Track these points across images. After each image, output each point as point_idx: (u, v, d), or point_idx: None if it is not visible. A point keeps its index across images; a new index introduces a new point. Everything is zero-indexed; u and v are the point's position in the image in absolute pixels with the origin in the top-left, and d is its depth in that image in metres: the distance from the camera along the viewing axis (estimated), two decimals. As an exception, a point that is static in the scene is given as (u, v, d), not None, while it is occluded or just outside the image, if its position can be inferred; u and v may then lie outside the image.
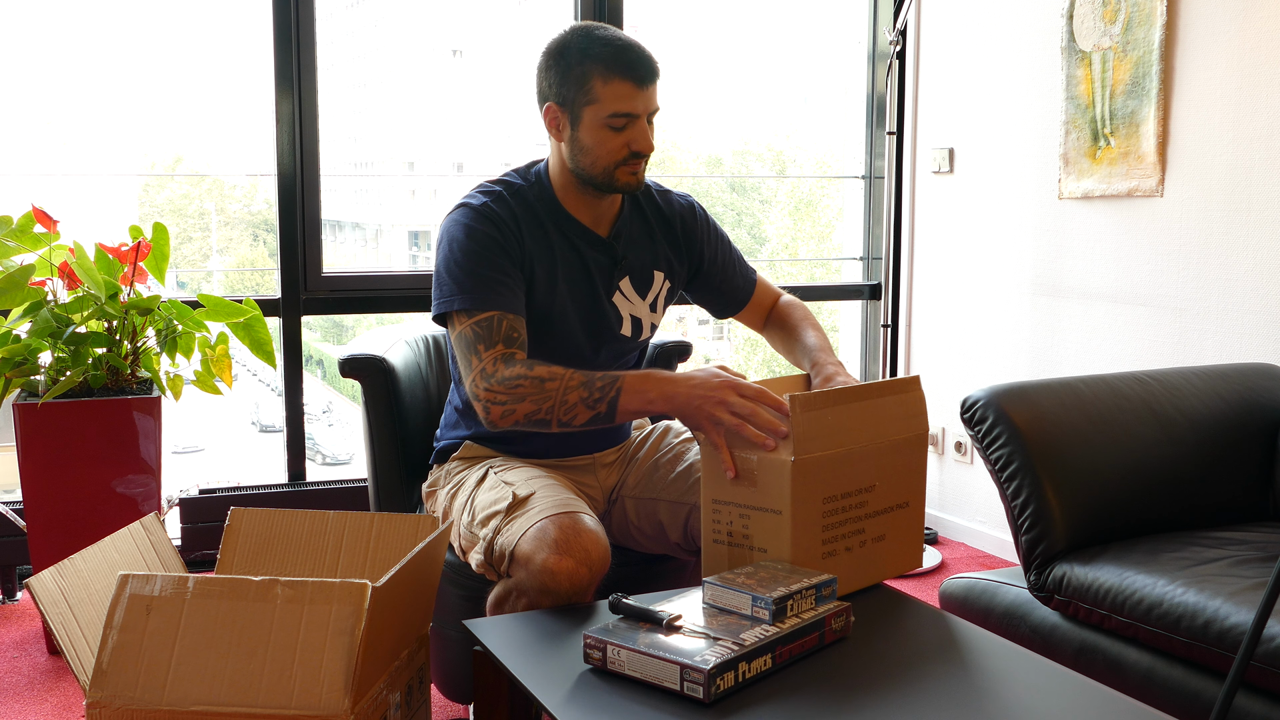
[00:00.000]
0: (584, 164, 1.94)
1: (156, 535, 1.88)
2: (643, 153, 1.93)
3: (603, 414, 1.79)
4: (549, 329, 1.97)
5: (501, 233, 1.92)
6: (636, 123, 1.91)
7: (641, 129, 1.92)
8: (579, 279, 2.00)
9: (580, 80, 1.89)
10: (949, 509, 3.77)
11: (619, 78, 1.88)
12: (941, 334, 3.76)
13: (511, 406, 1.80)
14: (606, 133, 1.90)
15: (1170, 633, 1.87)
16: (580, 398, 1.78)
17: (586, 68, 1.88)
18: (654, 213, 2.11)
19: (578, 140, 1.93)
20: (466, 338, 1.87)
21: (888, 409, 1.79)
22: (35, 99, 4.46)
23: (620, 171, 1.93)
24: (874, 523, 1.77)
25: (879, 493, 1.77)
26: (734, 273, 2.20)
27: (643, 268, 2.07)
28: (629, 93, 1.89)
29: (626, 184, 1.95)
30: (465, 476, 2.03)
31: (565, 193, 2.00)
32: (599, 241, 2.02)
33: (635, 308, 2.06)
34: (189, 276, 6.15)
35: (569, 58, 1.90)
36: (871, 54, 3.91)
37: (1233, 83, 2.78)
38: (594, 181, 1.95)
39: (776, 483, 1.64)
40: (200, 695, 1.45)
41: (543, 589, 1.71)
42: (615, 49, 1.89)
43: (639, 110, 1.90)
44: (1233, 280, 2.81)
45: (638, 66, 1.88)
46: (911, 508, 1.83)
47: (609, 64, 1.88)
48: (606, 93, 1.88)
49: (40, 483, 2.63)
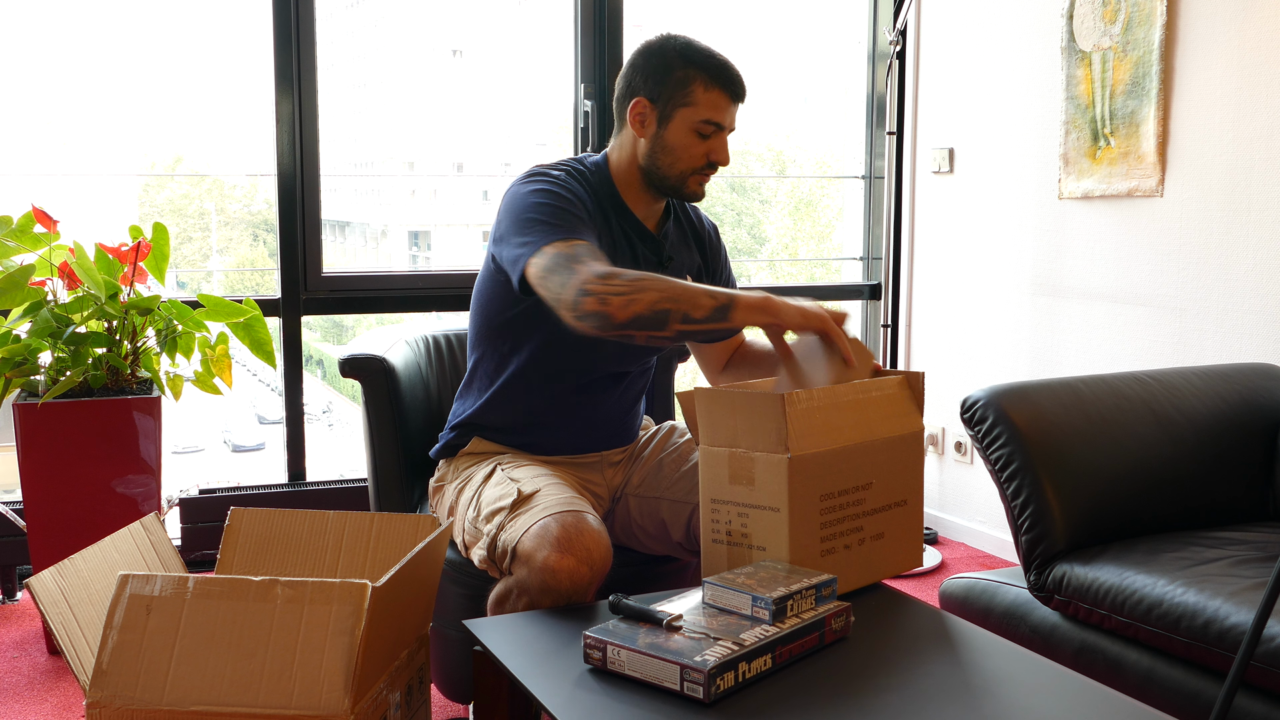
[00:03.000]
0: (662, 164, 1.98)
1: (156, 535, 1.88)
2: (719, 164, 1.98)
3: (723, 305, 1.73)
4: None
5: (578, 195, 1.94)
6: (721, 135, 1.97)
7: (724, 142, 1.98)
8: (627, 265, 2.02)
9: (682, 82, 1.94)
10: (949, 509, 3.77)
11: (720, 88, 1.95)
12: (941, 334, 3.76)
13: (634, 296, 1.71)
14: (693, 138, 1.96)
15: (1170, 633, 1.87)
16: (702, 290, 1.74)
17: (690, 72, 1.94)
18: (688, 224, 2.17)
19: (662, 139, 1.97)
20: (564, 254, 1.79)
21: (883, 405, 1.79)
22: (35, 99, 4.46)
23: (693, 179, 1.99)
24: (872, 520, 1.77)
25: (876, 490, 1.77)
26: None
27: (680, 271, 2.11)
28: (725, 104, 1.96)
29: (693, 192, 2.01)
30: (473, 472, 2.03)
31: (626, 186, 2.04)
32: (650, 237, 2.06)
33: None
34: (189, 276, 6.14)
35: (669, 58, 1.95)
36: (871, 54, 3.91)
37: (1233, 83, 2.78)
38: (664, 183, 1.99)
39: (774, 480, 1.64)
40: (200, 695, 1.45)
41: (544, 587, 1.72)
42: (719, 61, 1.96)
43: (727, 123, 1.97)
44: (1233, 280, 2.81)
45: (736, 82, 1.97)
46: (910, 505, 1.83)
47: (713, 73, 1.94)
48: (705, 99, 1.94)
49: (40, 483, 2.63)
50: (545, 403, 2.05)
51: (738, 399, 1.69)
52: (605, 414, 2.10)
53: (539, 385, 2.04)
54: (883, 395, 1.80)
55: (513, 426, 2.07)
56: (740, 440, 1.69)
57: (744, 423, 1.68)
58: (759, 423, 1.66)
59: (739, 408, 1.69)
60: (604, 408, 2.08)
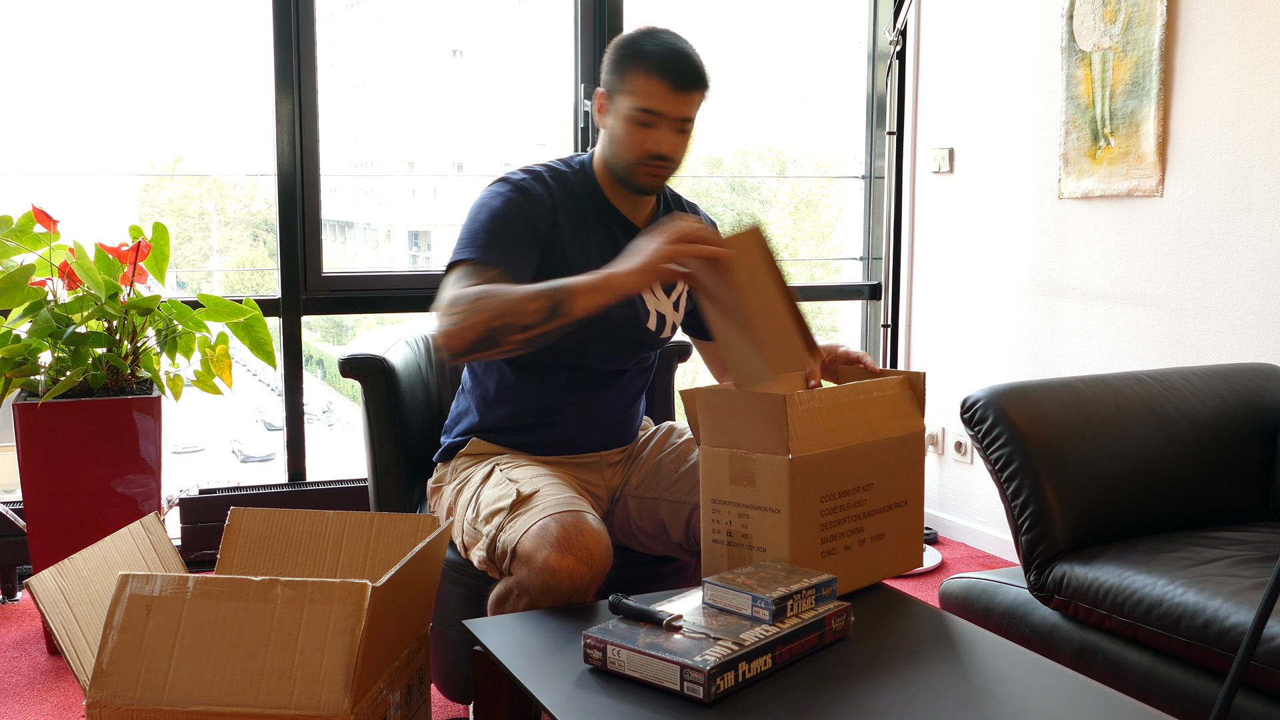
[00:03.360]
0: (612, 154, 1.99)
1: (156, 535, 1.88)
2: (659, 155, 1.94)
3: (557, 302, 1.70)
4: None
5: (532, 207, 1.94)
6: (661, 123, 1.93)
7: (664, 132, 1.93)
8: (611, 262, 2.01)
9: (623, 70, 1.94)
10: (949, 509, 3.77)
11: (658, 76, 1.91)
12: (941, 334, 3.76)
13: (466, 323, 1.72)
14: (632, 126, 1.94)
15: (1170, 633, 1.87)
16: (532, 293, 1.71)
17: (633, 60, 1.93)
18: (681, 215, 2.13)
19: (612, 129, 1.97)
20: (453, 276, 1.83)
21: (884, 405, 1.79)
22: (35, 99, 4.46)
23: (639, 171, 1.96)
24: (872, 521, 1.77)
25: (877, 491, 1.77)
26: None
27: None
28: (661, 90, 1.91)
29: (644, 185, 1.98)
30: (471, 473, 2.04)
31: (607, 183, 2.04)
32: (635, 231, 2.04)
33: (660, 304, 2.09)
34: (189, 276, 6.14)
35: (625, 49, 1.96)
36: (871, 54, 3.91)
37: (1233, 83, 2.78)
38: (618, 173, 1.99)
39: (774, 481, 1.64)
40: (200, 695, 1.45)
41: (544, 587, 1.72)
42: (666, 50, 1.92)
43: (665, 110, 1.92)
44: (1233, 280, 2.81)
45: (678, 70, 1.91)
46: (910, 506, 1.83)
47: (651, 59, 1.92)
48: (641, 86, 1.92)
49: (40, 483, 2.63)
50: (541, 402, 2.05)
51: (739, 399, 1.69)
52: (603, 413, 2.09)
53: (533, 385, 2.04)
54: (884, 396, 1.80)
55: (510, 427, 2.08)
56: (741, 441, 1.69)
57: (745, 423, 1.68)
58: (760, 423, 1.66)
59: (740, 408, 1.69)
60: (601, 406, 2.08)
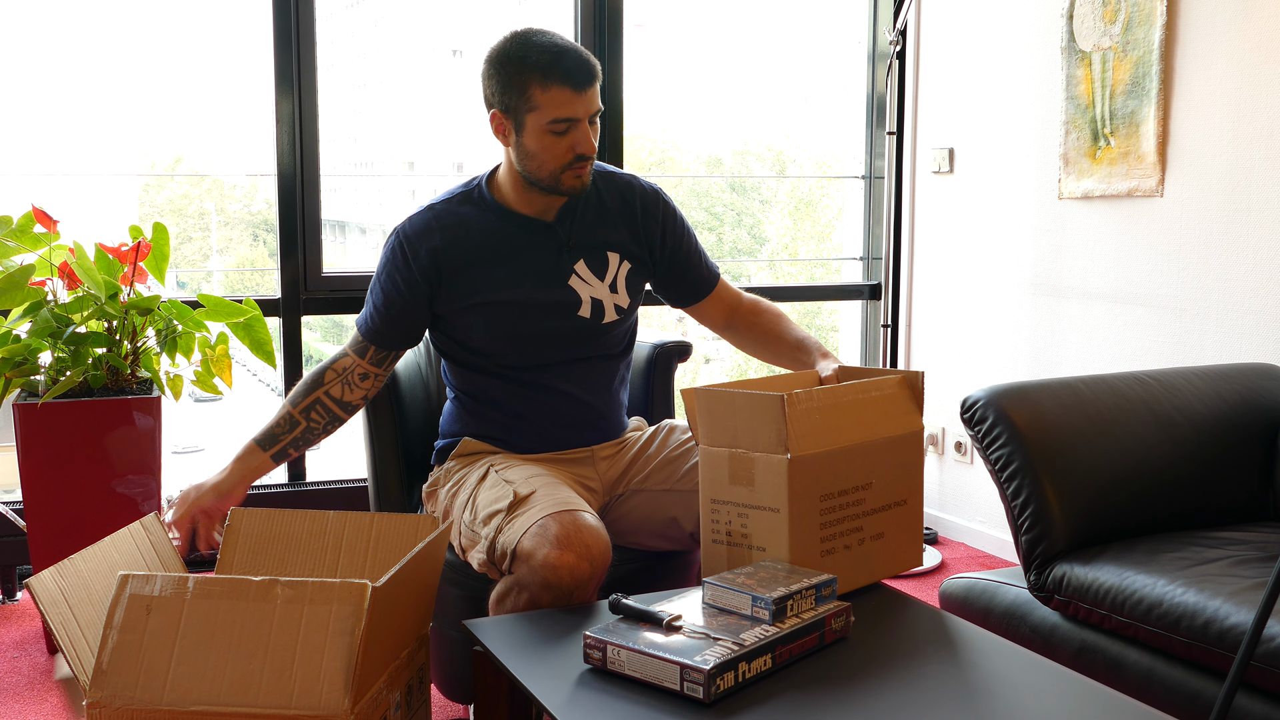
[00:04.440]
0: (530, 168, 1.98)
1: (156, 535, 1.88)
2: (587, 155, 1.95)
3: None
4: (500, 318, 2.03)
5: (407, 258, 2.05)
6: (579, 126, 1.94)
7: (584, 132, 1.94)
8: (526, 267, 2.04)
9: (521, 88, 1.92)
10: (949, 509, 3.77)
11: (558, 84, 1.90)
12: (941, 334, 3.76)
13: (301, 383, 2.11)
14: (550, 138, 1.94)
15: (1170, 633, 1.87)
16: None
17: (525, 76, 1.92)
18: (610, 194, 2.13)
19: (523, 146, 1.96)
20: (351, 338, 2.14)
21: (883, 405, 1.79)
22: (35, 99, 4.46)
23: (566, 175, 1.97)
24: (872, 520, 1.77)
25: (876, 490, 1.77)
26: (698, 263, 2.21)
27: (595, 249, 2.09)
28: (568, 98, 1.91)
29: (572, 187, 1.99)
30: (466, 475, 2.04)
31: (513, 192, 2.06)
32: (543, 228, 2.06)
33: (594, 289, 2.08)
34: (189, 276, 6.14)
35: (509, 66, 1.94)
36: (871, 54, 3.91)
37: (1233, 83, 2.78)
38: (541, 185, 2.00)
39: (774, 481, 1.64)
40: (200, 695, 1.45)
41: (544, 584, 1.72)
42: (552, 55, 1.91)
43: (579, 114, 1.93)
44: (1233, 280, 2.81)
45: (575, 71, 1.91)
46: (909, 505, 1.83)
47: (546, 70, 1.90)
48: (546, 99, 1.91)
49: (40, 483, 2.63)
50: (508, 401, 2.09)
51: (738, 399, 1.69)
52: (576, 404, 2.09)
53: (495, 385, 2.08)
54: (882, 395, 1.80)
55: (492, 426, 2.10)
56: (740, 440, 1.69)
57: (744, 423, 1.69)
58: (759, 423, 1.67)
59: (739, 408, 1.69)
60: (575, 397, 2.08)
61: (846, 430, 1.72)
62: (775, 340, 2.16)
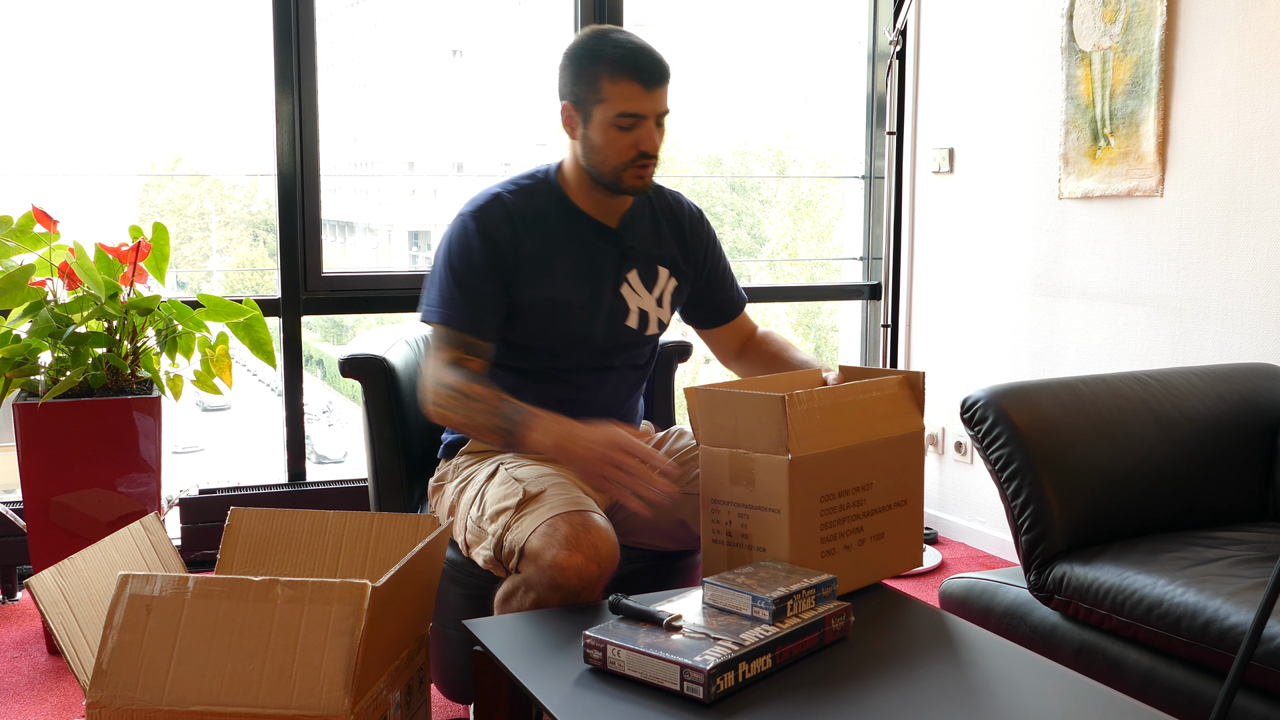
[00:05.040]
0: (594, 162, 2.00)
1: (156, 535, 1.88)
2: (649, 153, 1.97)
3: (512, 445, 1.90)
4: (551, 313, 2.03)
5: (487, 244, 1.99)
6: (644, 124, 1.96)
7: (649, 130, 1.96)
8: (584, 269, 2.05)
9: (591, 80, 1.95)
10: (949, 509, 3.77)
11: (627, 79, 1.93)
12: (941, 334, 3.76)
13: (444, 412, 1.95)
14: (614, 132, 1.95)
15: (1170, 633, 1.87)
16: (492, 424, 1.90)
17: (598, 68, 1.94)
18: (665, 211, 2.17)
19: (588, 139, 1.98)
20: (438, 336, 2.01)
21: (883, 405, 1.79)
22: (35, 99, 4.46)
23: (628, 173, 1.99)
24: (872, 521, 1.77)
25: (876, 490, 1.77)
26: (730, 285, 2.27)
27: (649, 261, 2.11)
28: (636, 93, 1.94)
29: (633, 186, 2.00)
30: (475, 471, 2.04)
31: (578, 189, 2.06)
32: (607, 231, 2.07)
33: (643, 300, 2.11)
34: (189, 276, 6.15)
35: (582, 59, 1.97)
36: (871, 54, 3.91)
37: (1233, 83, 2.78)
38: (603, 181, 2.01)
39: (774, 481, 1.64)
40: (200, 695, 1.45)
41: (552, 584, 1.72)
42: (626, 51, 1.94)
43: (645, 111, 1.95)
44: (1233, 280, 2.81)
45: (646, 69, 1.94)
46: (909, 506, 1.83)
47: (618, 65, 1.93)
48: (614, 93, 1.93)
49: (40, 483, 2.63)
50: (533, 399, 2.06)
51: (738, 399, 1.69)
52: (598, 409, 2.09)
53: (526, 385, 2.05)
54: (883, 395, 1.80)
55: None
56: (741, 441, 1.69)
57: (745, 423, 1.68)
58: (760, 424, 1.66)
59: (739, 408, 1.69)
60: (596, 402, 2.09)
61: (847, 430, 1.72)
62: (782, 365, 2.19)
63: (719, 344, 2.29)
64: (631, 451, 1.78)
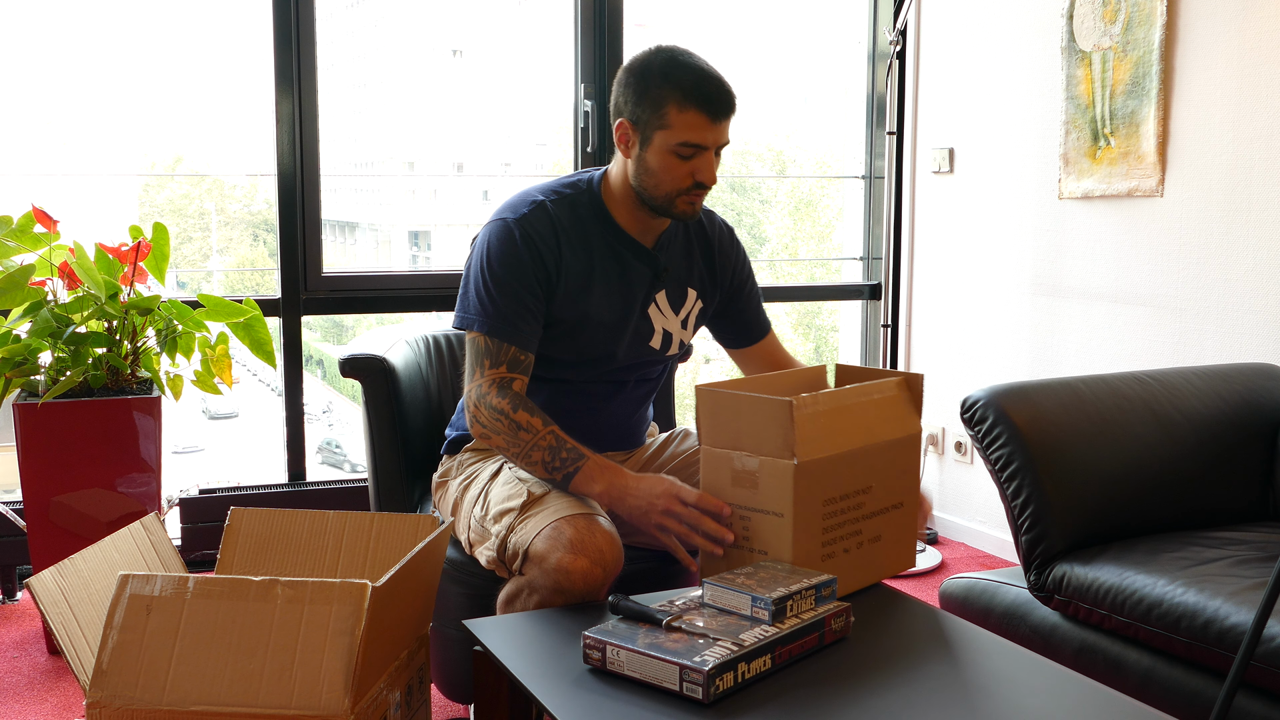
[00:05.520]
0: (647, 185, 1.94)
1: (156, 535, 1.88)
2: (705, 184, 1.92)
3: (557, 482, 1.86)
4: (580, 331, 1.99)
5: (531, 252, 1.93)
6: (704, 154, 1.91)
7: (708, 160, 1.91)
8: (616, 287, 2.01)
9: (656, 103, 1.89)
10: (949, 509, 3.77)
11: (695, 108, 1.87)
12: (941, 334, 3.76)
13: (489, 434, 1.90)
14: (673, 159, 1.90)
15: (1170, 633, 1.87)
16: (543, 459, 1.85)
17: (665, 92, 1.88)
18: (697, 231, 2.12)
19: (644, 161, 1.92)
20: (479, 348, 1.93)
21: (884, 408, 1.79)
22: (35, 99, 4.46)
23: (680, 200, 1.94)
24: (870, 524, 1.77)
25: (875, 494, 1.77)
26: (757, 305, 2.22)
27: (679, 283, 2.08)
28: (702, 124, 1.88)
29: (683, 213, 1.96)
30: (479, 469, 2.03)
31: (620, 205, 2.01)
32: (643, 252, 2.03)
33: (668, 322, 2.08)
34: (189, 276, 6.15)
35: (649, 78, 1.90)
36: (871, 54, 3.91)
37: (1233, 83, 2.78)
38: (653, 204, 1.95)
39: (779, 486, 1.64)
40: (200, 695, 1.45)
41: (556, 587, 1.72)
42: (697, 77, 1.88)
43: (709, 143, 1.90)
44: (1233, 280, 2.81)
45: (715, 100, 1.88)
46: (905, 508, 1.83)
47: (688, 92, 1.87)
48: (680, 120, 1.88)
49: (40, 483, 2.63)
50: (542, 404, 2.05)
51: (744, 401, 1.69)
52: (609, 420, 2.09)
53: (535, 388, 2.04)
54: (884, 397, 1.80)
55: None
56: (744, 443, 1.68)
57: (749, 426, 1.68)
58: (765, 427, 1.66)
59: (744, 410, 1.69)
60: (606, 414, 2.08)
61: (850, 434, 1.72)
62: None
63: (748, 365, 2.24)
64: (686, 500, 1.75)
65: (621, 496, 1.80)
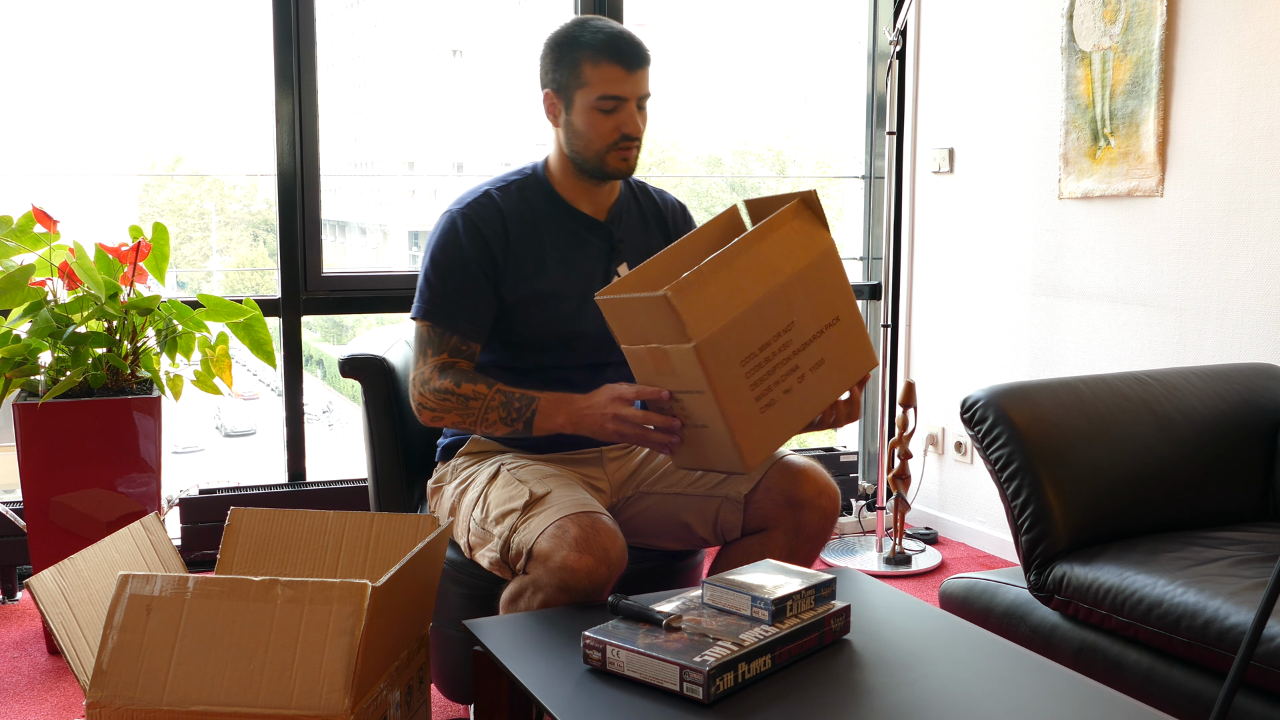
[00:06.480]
0: (578, 147, 2.02)
1: (156, 535, 1.88)
2: (632, 135, 1.99)
3: (519, 430, 1.92)
4: (541, 306, 2.04)
5: (474, 241, 2.01)
6: (625, 106, 1.98)
7: (630, 113, 1.99)
8: (573, 261, 2.06)
9: (573, 65, 1.98)
10: (949, 509, 3.77)
11: (608, 61, 1.96)
12: (941, 334, 3.76)
13: (439, 415, 1.96)
14: (597, 115, 1.98)
15: (1170, 633, 1.87)
16: (500, 417, 1.92)
17: (578, 53, 1.97)
18: (649, 205, 2.19)
19: (571, 124, 2.01)
20: (422, 336, 2.02)
21: (782, 243, 1.72)
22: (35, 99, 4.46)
23: (611, 156, 2.01)
24: (806, 354, 1.73)
25: (801, 325, 1.72)
26: None
27: (637, 253, 2.11)
28: (618, 76, 1.96)
29: (617, 169, 2.02)
30: (475, 473, 2.03)
31: (564, 181, 2.08)
32: (596, 225, 2.09)
33: None
34: (189, 276, 6.14)
35: (563, 45, 2.00)
36: (871, 54, 3.91)
37: (1233, 83, 2.78)
38: (587, 166, 2.03)
39: (689, 367, 1.67)
40: (200, 695, 1.45)
41: (561, 586, 1.72)
42: (605, 35, 1.97)
43: (627, 93, 1.97)
44: (1233, 280, 2.81)
45: (626, 51, 1.97)
46: (844, 320, 1.77)
47: (598, 49, 1.96)
48: (595, 76, 1.96)
49: (40, 483, 2.63)
50: None
51: (633, 304, 1.71)
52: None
53: (519, 382, 2.04)
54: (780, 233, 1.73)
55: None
56: (650, 336, 1.71)
57: (645, 321, 1.70)
58: (656, 320, 1.67)
59: (635, 310, 1.71)
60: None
61: (748, 287, 1.68)
62: None
63: None
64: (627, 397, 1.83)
65: (580, 420, 1.87)
